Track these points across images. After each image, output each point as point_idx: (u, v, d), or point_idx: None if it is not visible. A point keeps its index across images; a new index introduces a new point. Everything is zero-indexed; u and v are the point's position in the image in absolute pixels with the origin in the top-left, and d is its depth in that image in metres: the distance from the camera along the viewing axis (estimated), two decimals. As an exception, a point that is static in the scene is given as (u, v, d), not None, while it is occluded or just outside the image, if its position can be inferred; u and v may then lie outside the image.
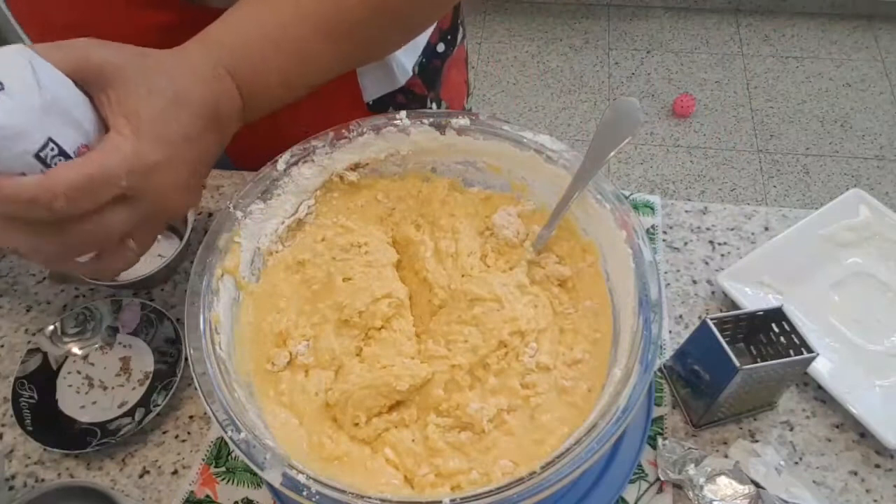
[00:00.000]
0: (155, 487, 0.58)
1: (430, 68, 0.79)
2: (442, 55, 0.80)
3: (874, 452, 0.57)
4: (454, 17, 0.81)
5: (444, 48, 0.80)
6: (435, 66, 0.80)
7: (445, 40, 0.80)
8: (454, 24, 0.81)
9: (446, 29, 0.80)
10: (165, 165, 0.45)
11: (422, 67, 0.78)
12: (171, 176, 0.46)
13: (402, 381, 0.48)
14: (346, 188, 0.60)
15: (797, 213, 0.72)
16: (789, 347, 0.55)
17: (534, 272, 0.56)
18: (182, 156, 0.46)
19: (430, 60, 0.79)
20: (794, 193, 2.04)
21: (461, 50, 0.86)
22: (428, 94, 0.81)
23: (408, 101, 0.78)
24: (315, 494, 0.40)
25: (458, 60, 0.85)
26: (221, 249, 0.52)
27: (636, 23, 2.55)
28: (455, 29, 0.82)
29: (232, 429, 0.42)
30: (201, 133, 0.48)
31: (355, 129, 0.58)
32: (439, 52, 0.80)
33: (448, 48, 0.81)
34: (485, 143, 0.58)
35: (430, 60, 0.79)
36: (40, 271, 0.73)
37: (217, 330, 0.48)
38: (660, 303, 0.47)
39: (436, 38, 0.79)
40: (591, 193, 0.54)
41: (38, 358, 0.64)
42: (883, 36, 2.44)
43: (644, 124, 2.23)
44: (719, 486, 0.54)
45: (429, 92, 0.81)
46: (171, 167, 0.45)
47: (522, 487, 0.40)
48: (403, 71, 0.75)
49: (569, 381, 0.49)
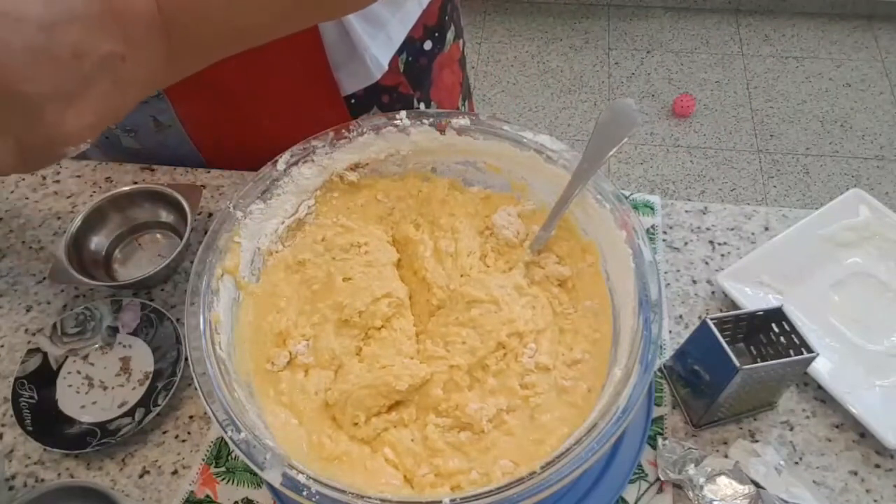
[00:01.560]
0: (155, 487, 0.58)
1: (416, 67, 0.77)
2: (429, 53, 0.78)
3: (874, 452, 0.57)
4: (441, 14, 0.78)
5: (432, 46, 0.78)
6: (421, 65, 0.78)
7: (433, 38, 0.78)
8: (441, 20, 0.79)
9: (432, 25, 0.77)
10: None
11: (407, 65, 0.76)
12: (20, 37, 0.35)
13: (402, 381, 0.48)
14: (346, 188, 0.60)
15: (797, 213, 0.72)
16: (789, 347, 0.55)
17: (533, 272, 0.56)
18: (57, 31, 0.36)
19: (417, 58, 0.77)
20: (794, 193, 2.04)
21: (455, 49, 0.83)
22: (414, 94, 0.79)
23: (392, 100, 0.76)
24: (315, 494, 0.40)
25: (450, 60, 0.83)
26: (221, 249, 0.52)
27: (636, 23, 2.55)
28: (443, 26, 0.79)
29: (232, 429, 0.42)
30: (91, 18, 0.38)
31: (355, 129, 0.58)
32: (426, 50, 0.78)
33: (436, 46, 0.79)
34: (485, 143, 0.58)
35: (417, 58, 0.77)
36: (40, 271, 0.73)
37: (217, 330, 0.48)
38: (660, 303, 0.47)
39: (420, 34, 0.76)
40: (591, 193, 0.54)
41: (38, 358, 0.64)
42: (883, 36, 2.44)
43: (644, 124, 2.23)
44: (719, 486, 0.54)
45: (415, 91, 0.79)
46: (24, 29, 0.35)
47: (522, 487, 0.40)
48: (377, 65, 0.72)
49: (569, 381, 0.49)
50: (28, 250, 0.75)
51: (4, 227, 0.76)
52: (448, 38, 0.80)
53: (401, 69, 0.75)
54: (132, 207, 0.74)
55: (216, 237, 0.52)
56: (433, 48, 0.78)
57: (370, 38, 0.69)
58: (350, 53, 0.70)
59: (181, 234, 0.70)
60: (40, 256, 0.74)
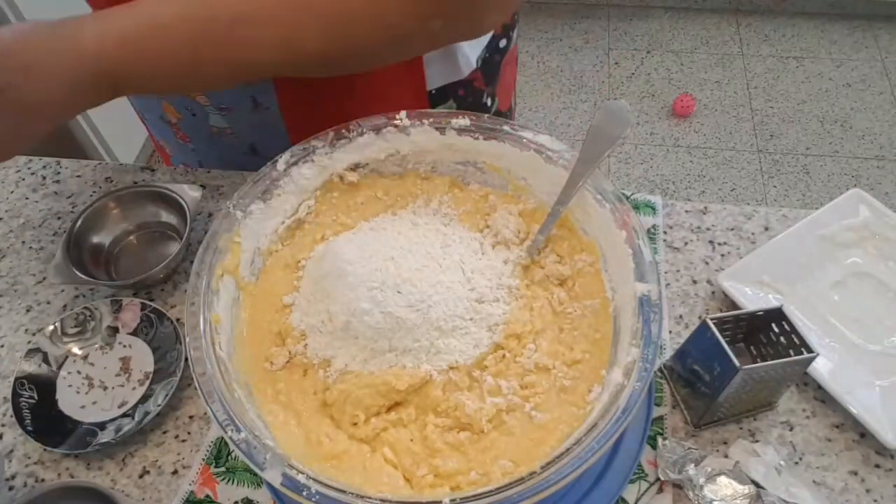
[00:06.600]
0: (155, 487, 0.58)
1: (491, 63, 0.79)
2: (502, 51, 0.80)
3: (874, 452, 0.57)
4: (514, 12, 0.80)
5: (506, 44, 0.80)
6: (495, 61, 0.80)
7: (507, 36, 0.80)
8: (513, 18, 0.80)
9: (509, 24, 0.79)
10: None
11: (484, 62, 0.77)
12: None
13: (401, 381, 0.48)
14: (345, 188, 0.60)
15: (797, 213, 0.72)
16: (789, 347, 0.55)
17: (534, 272, 0.56)
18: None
19: (492, 55, 0.79)
20: (794, 193, 2.04)
21: (516, 47, 0.85)
22: (486, 89, 0.80)
23: (466, 93, 0.78)
24: (315, 494, 0.40)
25: (512, 57, 0.85)
26: (221, 249, 0.52)
27: (636, 23, 2.55)
28: (514, 24, 0.81)
29: (232, 429, 0.42)
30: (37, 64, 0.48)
31: (355, 129, 0.58)
32: (500, 48, 0.79)
33: (508, 44, 0.81)
34: (485, 144, 0.58)
35: (492, 55, 0.79)
36: (40, 271, 0.73)
37: (217, 330, 0.48)
38: (660, 303, 0.47)
39: (499, 31, 0.78)
40: (592, 193, 0.54)
41: (38, 358, 0.64)
42: (883, 36, 2.44)
43: (643, 124, 2.23)
44: (719, 486, 0.54)
45: (486, 87, 0.80)
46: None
47: (522, 487, 0.40)
48: (467, 62, 0.74)
49: (569, 381, 0.49)
50: (28, 250, 0.75)
51: (4, 227, 0.76)
52: (514, 36, 0.82)
53: (478, 65, 0.77)
54: (132, 207, 0.74)
55: (216, 237, 0.52)
56: (506, 45, 0.80)
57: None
58: (444, 51, 0.72)
59: (181, 234, 0.70)
60: (40, 256, 0.74)
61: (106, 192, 0.75)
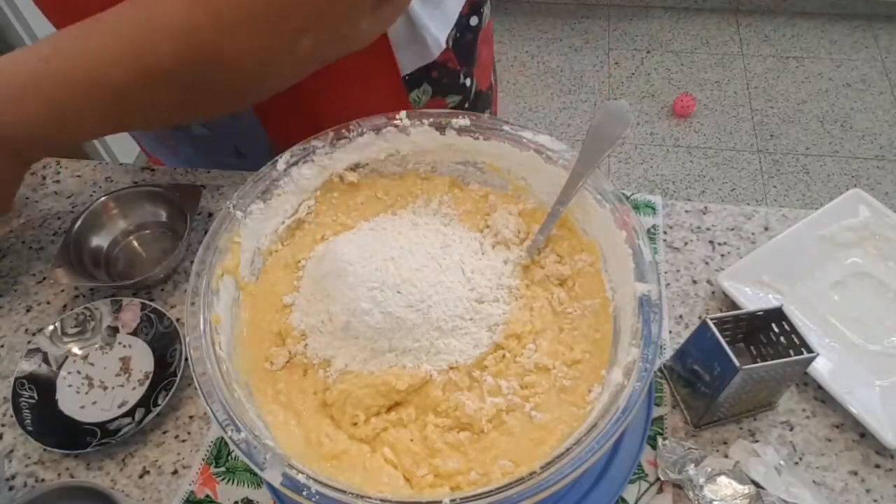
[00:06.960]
0: (155, 487, 0.58)
1: (463, 42, 0.78)
2: (474, 29, 0.79)
3: (874, 452, 0.57)
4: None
5: (477, 21, 0.79)
6: (468, 41, 0.79)
7: (478, 13, 0.78)
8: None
9: (476, 1, 0.78)
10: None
11: (455, 42, 0.76)
12: None
13: (401, 381, 0.48)
14: (345, 188, 0.60)
15: (797, 213, 0.72)
16: (789, 347, 0.55)
17: (534, 272, 0.56)
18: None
19: (464, 34, 0.77)
20: (794, 193, 2.04)
21: (490, 25, 0.84)
22: (461, 69, 0.79)
23: (440, 75, 0.77)
24: (315, 494, 0.40)
25: (487, 36, 0.84)
26: (221, 249, 0.52)
27: (636, 23, 2.55)
28: (483, 1, 0.80)
29: (232, 429, 0.42)
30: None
31: (355, 129, 0.58)
32: (472, 26, 0.78)
33: (480, 21, 0.79)
34: (485, 144, 0.58)
35: (464, 34, 0.77)
36: (40, 271, 0.73)
37: (217, 330, 0.48)
38: (660, 303, 0.47)
39: (467, 10, 0.77)
40: (592, 194, 0.54)
41: (38, 358, 0.64)
42: (883, 36, 2.44)
43: (643, 124, 2.23)
44: (719, 486, 0.54)
45: (461, 67, 0.79)
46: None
47: (522, 487, 0.40)
48: (436, 43, 0.73)
49: (569, 381, 0.49)
50: (28, 250, 0.75)
51: (4, 227, 0.76)
52: (485, 14, 0.81)
53: (449, 45, 0.76)
54: (132, 207, 0.74)
55: (216, 237, 0.52)
56: (478, 24, 0.79)
57: (428, 17, 0.71)
58: (410, 34, 0.71)
59: (181, 234, 0.70)
60: (40, 256, 0.74)
61: (106, 192, 0.75)
